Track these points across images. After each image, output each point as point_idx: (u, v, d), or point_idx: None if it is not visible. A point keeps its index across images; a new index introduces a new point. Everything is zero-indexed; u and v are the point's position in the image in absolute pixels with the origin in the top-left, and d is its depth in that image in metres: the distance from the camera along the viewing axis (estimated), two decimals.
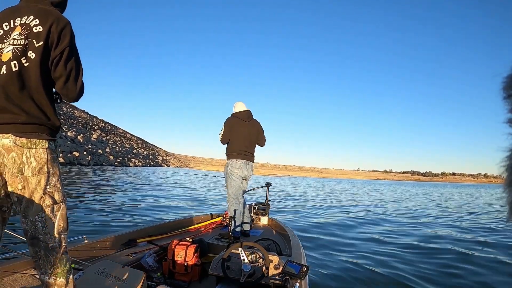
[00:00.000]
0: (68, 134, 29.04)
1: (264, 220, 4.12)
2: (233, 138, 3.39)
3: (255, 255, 2.17)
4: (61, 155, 22.16)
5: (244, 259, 2.11)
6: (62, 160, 21.70)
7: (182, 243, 2.56)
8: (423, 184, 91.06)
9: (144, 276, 1.84)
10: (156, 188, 13.26)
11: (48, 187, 1.22)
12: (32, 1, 1.30)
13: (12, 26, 1.22)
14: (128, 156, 41.65)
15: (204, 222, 3.65)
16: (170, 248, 2.54)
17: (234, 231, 3.19)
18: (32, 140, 1.18)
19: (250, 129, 3.45)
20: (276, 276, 2.04)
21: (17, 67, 1.16)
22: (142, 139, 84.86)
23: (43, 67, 1.21)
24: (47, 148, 1.22)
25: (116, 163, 32.98)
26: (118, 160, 34.93)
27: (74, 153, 25.27)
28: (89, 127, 44.72)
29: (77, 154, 25.34)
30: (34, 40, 1.20)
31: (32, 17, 1.23)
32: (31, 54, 1.19)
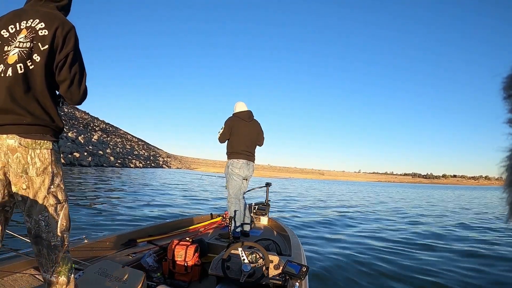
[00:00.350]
0: (69, 135, 29.07)
1: (264, 220, 4.12)
2: (234, 138, 3.38)
3: (255, 255, 2.16)
4: (61, 155, 22.15)
5: (244, 259, 2.11)
6: (62, 161, 21.58)
7: (182, 243, 2.56)
8: (423, 186, 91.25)
9: (144, 276, 1.85)
10: (157, 188, 13.27)
11: (52, 187, 1.24)
12: (37, 4, 1.32)
13: (18, 29, 1.24)
14: (129, 157, 41.67)
15: (204, 222, 3.65)
16: (170, 248, 2.55)
17: (234, 231, 3.19)
18: (36, 141, 1.20)
19: (251, 129, 3.44)
20: (276, 276, 2.04)
21: (22, 70, 1.18)
22: (143, 141, 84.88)
23: (47, 70, 1.23)
24: (51, 149, 1.24)
25: (116, 164, 33.00)
26: (119, 161, 34.96)
27: (75, 154, 25.29)
28: (90, 128, 44.77)
29: (77, 155, 25.36)
30: (39, 43, 1.21)
31: (37, 20, 1.25)
32: (36, 57, 1.20)
